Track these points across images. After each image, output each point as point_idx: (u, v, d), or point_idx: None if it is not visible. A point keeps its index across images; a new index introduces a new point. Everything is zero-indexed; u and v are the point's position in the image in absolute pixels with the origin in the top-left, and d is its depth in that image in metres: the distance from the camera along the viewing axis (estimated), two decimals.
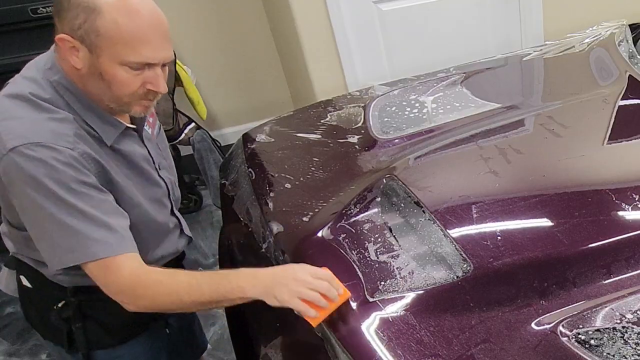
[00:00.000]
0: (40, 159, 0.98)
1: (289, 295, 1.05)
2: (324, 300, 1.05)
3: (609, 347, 0.95)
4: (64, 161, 1.00)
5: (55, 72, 1.07)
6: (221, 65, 3.32)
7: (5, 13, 2.56)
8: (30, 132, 1.00)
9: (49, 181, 0.99)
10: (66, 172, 1.00)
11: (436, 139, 1.55)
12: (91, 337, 1.23)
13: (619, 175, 1.32)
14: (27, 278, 1.22)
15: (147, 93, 1.08)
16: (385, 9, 2.76)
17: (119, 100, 1.07)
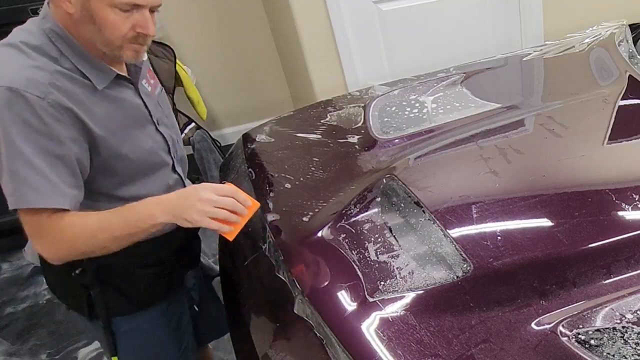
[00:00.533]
0: (7, 103, 1.02)
1: (199, 216, 1.09)
2: (234, 216, 1.11)
3: (609, 347, 0.95)
4: (29, 109, 1.03)
5: (48, 21, 1.11)
6: (221, 65, 3.32)
7: (5, 13, 2.57)
8: (5, 77, 1.04)
9: (8, 125, 1.03)
10: (27, 120, 1.03)
11: (436, 139, 1.55)
12: (110, 304, 1.26)
13: (619, 175, 1.31)
14: None
15: (137, 36, 1.11)
16: (385, 9, 2.76)
17: (110, 43, 1.10)
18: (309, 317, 1.13)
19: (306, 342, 1.13)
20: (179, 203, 1.12)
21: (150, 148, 1.24)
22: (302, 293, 1.15)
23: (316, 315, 1.09)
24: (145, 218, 1.11)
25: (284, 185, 1.49)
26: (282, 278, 1.28)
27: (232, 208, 1.11)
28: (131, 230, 1.11)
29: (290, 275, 1.22)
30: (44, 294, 2.64)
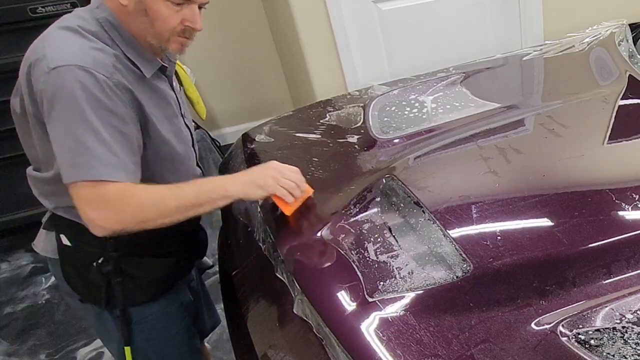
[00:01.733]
0: (79, 80, 1.07)
1: (272, 182, 1.23)
2: (298, 190, 1.25)
3: (609, 347, 0.95)
4: (99, 87, 1.09)
5: (102, 11, 1.18)
6: (221, 65, 3.32)
7: (4, 13, 2.56)
8: (74, 56, 1.09)
9: (81, 101, 1.07)
10: (98, 97, 1.08)
11: (436, 139, 1.55)
12: (127, 293, 1.29)
13: (619, 175, 1.31)
14: (66, 236, 1.27)
15: (184, 30, 1.19)
16: (385, 8, 2.77)
17: (160, 36, 1.18)
18: (309, 317, 1.13)
19: (306, 342, 1.13)
20: (253, 174, 1.25)
21: (183, 139, 1.32)
22: (301, 293, 1.15)
23: (316, 315, 1.09)
24: (218, 189, 1.19)
25: None
26: (281, 278, 1.27)
27: (298, 182, 1.25)
28: (202, 200, 1.17)
29: (289, 275, 1.22)
30: (43, 294, 2.64)
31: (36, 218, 3.08)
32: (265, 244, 1.40)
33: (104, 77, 1.10)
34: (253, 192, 1.22)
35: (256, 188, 1.22)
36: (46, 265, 2.93)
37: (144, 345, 1.37)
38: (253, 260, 1.45)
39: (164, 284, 1.35)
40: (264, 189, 1.22)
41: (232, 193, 1.20)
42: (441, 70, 2.06)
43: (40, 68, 1.09)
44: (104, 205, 1.11)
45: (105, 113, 1.09)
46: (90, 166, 1.08)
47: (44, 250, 1.35)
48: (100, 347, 2.29)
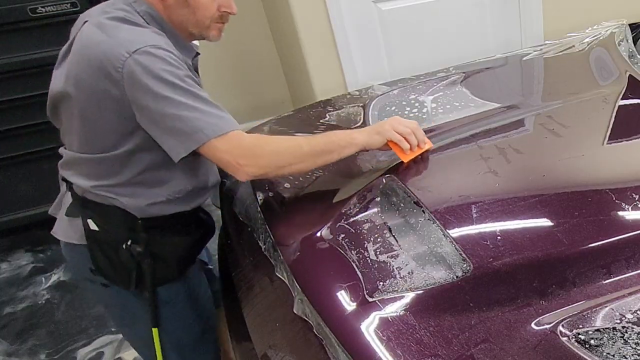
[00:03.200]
0: (159, 56, 1.14)
1: (389, 127, 1.35)
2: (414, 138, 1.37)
3: (609, 347, 0.95)
4: (177, 60, 1.18)
5: (140, 4, 1.24)
6: (221, 65, 3.32)
7: (4, 13, 2.56)
8: (146, 38, 1.16)
9: (169, 75, 1.14)
10: (180, 67, 1.17)
11: (436, 139, 1.54)
12: (156, 273, 1.34)
13: (619, 175, 1.31)
14: (94, 220, 1.30)
15: (222, 16, 1.29)
16: (385, 8, 2.77)
17: (201, 24, 1.27)
18: (309, 317, 1.13)
19: (306, 342, 1.13)
20: (375, 126, 1.38)
21: None
22: (301, 293, 1.15)
23: (316, 315, 1.09)
24: (345, 137, 1.31)
25: (283, 185, 1.49)
26: (281, 278, 1.27)
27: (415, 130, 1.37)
28: (331, 147, 1.29)
29: (289, 275, 1.22)
30: (43, 294, 2.64)
31: (36, 218, 3.12)
32: (265, 244, 1.40)
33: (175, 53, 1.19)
34: (373, 140, 1.34)
35: (375, 134, 1.34)
36: (46, 265, 2.94)
37: (172, 325, 1.43)
38: (253, 260, 1.45)
39: (187, 261, 1.42)
40: (381, 135, 1.34)
41: (357, 141, 1.32)
42: (441, 70, 2.06)
43: (117, 54, 1.13)
44: (244, 153, 1.21)
45: (190, 80, 1.18)
46: (212, 123, 1.17)
47: (67, 237, 1.37)
48: (100, 347, 2.29)
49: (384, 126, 1.36)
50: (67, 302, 2.57)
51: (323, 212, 1.32)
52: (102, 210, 1.29)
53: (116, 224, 1.29)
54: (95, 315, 2.46)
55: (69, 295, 2.61)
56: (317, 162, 1.30)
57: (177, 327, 1.43)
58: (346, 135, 1.32)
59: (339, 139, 1.30)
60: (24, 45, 2.64)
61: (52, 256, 2.90)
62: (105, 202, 1.28)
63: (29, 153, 2.82)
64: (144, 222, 1.29)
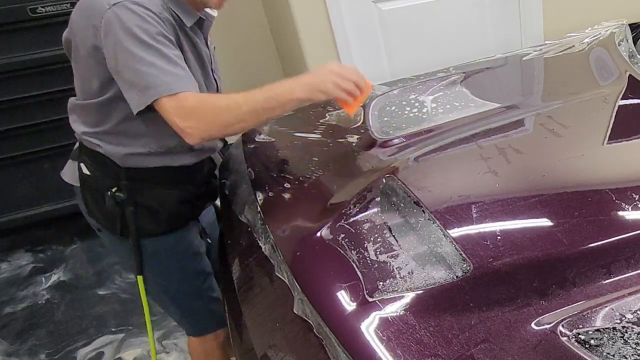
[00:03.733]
0: (135, 11, 1.19)
1: (332, 87, 1.31)
2: (357, 90, 1.34)
3: (609, 347, 0.95)
4: (154, 17, 1.22)
5: None
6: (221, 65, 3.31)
7: (4, 13, 2.56)
8: None
9: (139, 30, 1.19)
10: (155, 25, 1.21)
11: (436, 139, 1.54)
12: (140, 224, 1.41)
13: (619, 175, 1.31)
14: (86, 165, 1.41)
15: None
16: (385, 8, 2.77)
17: None
18: (309, 317, 1.13)
19: (306, 342, 1.13)
20: (315, 77, 1.33)
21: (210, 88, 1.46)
22: (301, 293, 1.15)
23: (316, 315, 1.09)
24: (285, 93, 1.29)
25: (283, 185, 1.49)
26: (281, 278, 1.27)
27: (357, 81, 1.34)
28: (270, 104, 1.28)
29: (289, 275, 1.22)
30: (43, 294, 2.64)
31: (36, 218, 3.12)
32: (265, 244, 1.40)
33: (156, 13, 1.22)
34: (316, 96, 1.32)
35: (318, 92, 1.31)
36: (46, 265, 2.94)
37: (157, 276, 1.50)
38: (253, 260, 1.45)
39: (176, 218, 1.47)
40: (325, 93, 1.32)
41: (297, 95, 1.30)
42: (441, 70, 2.06)
43: (101, 6, 1.20)
44: (188, 114, 1.22)
45: (162, 39, 1.22)
46: (166, 82, 1.20)
47: (71, 179, 1.48)
48: (100, 347, 2.29)
49: (327, 84, 1.31)
50: (67, 302, 2.57)
51: (323, 212, 1.32)
52: (92, 156, 1.38)
53: (103, 170, 1.38)
54: (95, 315, 2.46)
55: (69, 295, 2.61)
56: (260, 119, 1.31)
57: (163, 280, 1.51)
58: (286, 91, 1.30)
59: (277, 95, 1.29)
60: (24, 45, 2.65)
61: (52, 256, 2.90)
62: (94, 149, 1.37)
63: (29, 153, 2.82)
64: (127, 171, 1.37)
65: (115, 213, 1.39)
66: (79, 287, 2.66)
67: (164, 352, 2.22)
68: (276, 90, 1.29)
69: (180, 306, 1.59)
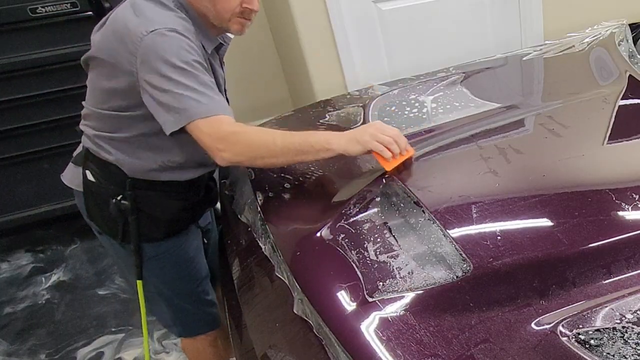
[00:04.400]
0: (172, 39, 1.23)
1: (369, 138, 1.32)
2: (396, 147, 1.33)
3: (609, 347, 0.95)
4: (190, 44, 1.25)
5: None
6: None
7: (4, 13, 2.56)
8: (166, 21, 1.25)
9: (176, 57, 1.22)
10: (190, 52, 1.25)
11: (436, 139, 1.54)
12: (142, 230, 1.44)
13: (619, 175, 1.31)
14: (91, 172, 1.42)
15: (243, 11, 1.35)
16: (385, 8, 2.76)
17: (220, 17, 1.33)
18: (309, 317, 1.13)
19: (306, 342, 1.13)
20: (355, 131, 1.34)
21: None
22: (301, 293, 1.15)
23: (316, 315, 1.09)
24: (322, 141, 1.30)
25: (284, 185, 1.49)
26: (281, 278, 1.27)
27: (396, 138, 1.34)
28: (305, 148, 1.30)
29: (289, 275, 1.22)
30: (43, 294, 2.64)
31: (36, 218, 3.12)
32: (265, 244, 1.40)
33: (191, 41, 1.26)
34: (352, 147, 1.31)
35: (355, 143, 1.31)
36: (46, 265, 2.94)
37: (153, 278, 1.51)
38: (253, 260, 1.45)
39: (177, 224, 1.49)
40: (361, 144, 1.31)
41: (333, 147, 1.30)
42: (441, 70, 2.06)
43: (138, 32, 1.22)
44: (222, 138, 1.26)
45: (198, 65, 1.25)
46: (203, 105, 1.24)
47: (71, 182, 1.49)
48: (100, 347, 2.29)
49: (364, 135, 1.32)
50: (67, 302, 2.57)
51: (323, 212, 1.32)
52: (99, 164, 1.40)
53: (109, 178, 1.40)
54: (95, 315, 2.46)
55: (69, 295, 2.61)
56: (290, 160, 1.33)
57: (162, 283, 1.53)
58: (323, 139, 1.31)
59: (314, 141, 1.30)
60: (24, 45, 2.64)
61: (52, 256, 2.90)
62: (102, 157, 1.39)
63: (29, 153, 2.82)
64: (133, 181, 1.39)
65: (118, 220, 1.42)
66: (79, 287, 2.66)
67: (164, 352, 2.22)
68: (315, 137, 1.32)
69: (174, 308, 1.59)
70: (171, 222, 1.48)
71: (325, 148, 1.30)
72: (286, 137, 1.30)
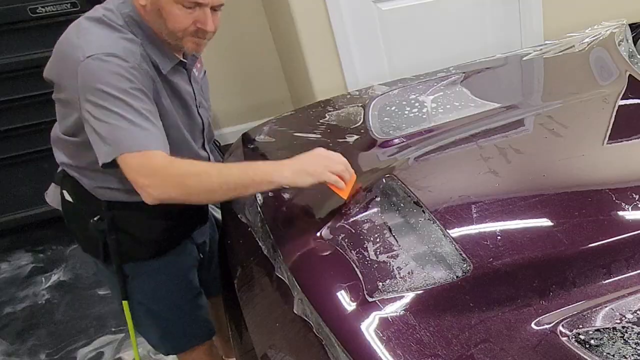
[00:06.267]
0: (110, 64, 1.16)
1: (323, 169, 1.24)
2: (348, 175, 1.27)
3: (609, 347, 0.95)
4: (129, 70, 1.18)
5: (126, 6, 1.26)
6: (221, 65, 3.32)
7: (4, 13, 2.56)
8: (106, 45, 1.19)
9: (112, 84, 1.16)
10: (129, 78, 1.18)
11: (436, 139, 1.54)
12: (124, 250, 1.38)
13: (619, 175, 1.31)
14: (68, 192, 1.39)
15: (197, 31, 1.25)
16: (385, 8, 2.76)
17: (173, 35, 1.25)
18: (309, 317, 1.13)
19: (306, 342, 1.13)
20: (301, 160, 1.25)
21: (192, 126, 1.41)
22: (301, 293, 1.15)
23: (316, 315, 1.09)
24: (264, 174, 1.22)
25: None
26: (281, 278, 1.27)
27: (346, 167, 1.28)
28: (246, 181, 1.21)
29: (289, 275, 1.22)
30: (43, 294, 2.64)
31: (36, 218, 3.11)
32: (265, 244, 1.40)
33: (134, 64, 1.19)
34: (301, 180, 1.23)
35: (305, 175, 1.23)
36: (46, 265, 2.94)
37: (143, 299, 1.46)
38: (253, 260, 1.45)
39: (162, 245, 1.43)
40: (313, 177, 1.23)
41: (275, 179, 1.22)
42: (441, 70, 2.06)
43: (75, 57, 1.17)
44: (152, 173, 1.17)
45: (136, 92, 1.18)
46: (134, 138, 1.16)
47: (52, 202, 1.47)
48: (100, 347, 2.29)
49: (317, 167, 1.24)
50: (67, 302, 2.57)
51: (323, 212, 1.32)
52: (73, 185, 1.36)
53: (84, 200, 1.36)
54: (95, 315, 2.46)
55: (69, 295, 2.61)
56: (230, 195, 1.24)
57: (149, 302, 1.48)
58: (264, 172, 1.22)
59: (255, 175, 1.21)
60: (24, 45, 2.64)
61: (52, 256, 2.89)
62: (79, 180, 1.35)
63: (29, 153, 2.82)
64: (107, 203, 1.34)
65: (98, 240, 1.36)
66: (79, 287, 2.65)
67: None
68: (255, 169, 1.23)
69: (162, 325, 1.54)
70: (154, 243, 1.41)
71: (267, 181, 1.21)
72: (223, 170, 1.22)
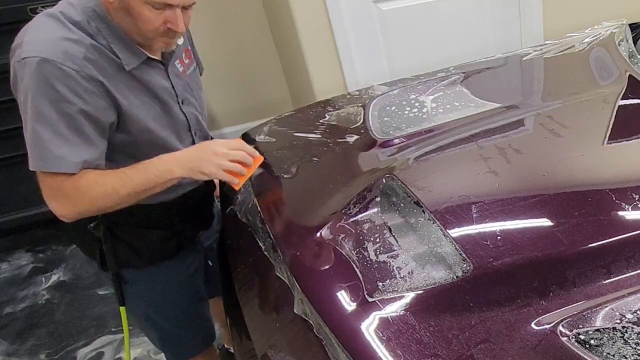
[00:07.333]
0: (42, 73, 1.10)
1: (215, 168, 1.23)
2: (244, 169, 1.27)
3: (609, 347, 0.95)
4: (63, 79, 1.11)
5: (91, 0, 1.20)
6: (221, 65, 3.32)
7: (4, 13, 2.56)
8: (44, 48, 1.12)
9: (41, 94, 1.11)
10: (59, 89, 1.11)
11: (436, 139, 1.54)
12: (120, 257, 1.37)
13: (619, 175, 1.31)
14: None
15: (167, 31, 1.21)
16: (385, 8, 2.76)
17: (143, 35, 1.21)
18: (309, 317, 1.13)
19: (306, 342, 1.13)
20: (196, 157, 1.24)
21: (172, 125, 1.34)
22: (301, 293, 1.15)
23: (316, 315, 1.09)
24: (164, 173, 1.22)
25: (283, 185, 1.49)
26: (281, 278, 1.27)
27: (242, 160, 1.26)
28: (150, 185, 1.21)
29: (289, 275, 1.22)
30: (43, 294, 2.64)
31: (36, 218, 3.11)
32: (265, 244, 1.40)
33: (71, 70, 1.12)
34: (197, 176, 1.25)
35: (198, 173, 1.24)
36: (46, 265, 2.94)
37: (142, 303, 1.45)
38: (253, 260, 1.45)
39: (161, 252, 1.41)
40: (206, 175, 1.25)
41: (177, 175, 1.23)
42: (441, 70, 2.06)
43: (16, 53, 1.14)
44: (62, 196, 1.17)
45: (66, 105, 1.12)
46: (46, 158, 1.14)
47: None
48: (100, 347, 2.29)
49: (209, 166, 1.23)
50: (67, 302, 2.57)
51: (323, 212, 1.32)
52: None
53: None
54: (95, 315, 2.46)
55: (69, 295, 2.61)
56: (140, 197, 1.24)
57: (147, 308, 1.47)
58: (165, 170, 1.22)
59: (156, 176, 1.22)
60: None
61: (52, 256, 2.90)
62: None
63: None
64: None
65: (95, 247, 1.36)
66: (79, 287, 2.66)
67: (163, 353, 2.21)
68: (154, 171, 1.22)
69: (162, 333, 1.54)
70: (153, 251, 1.39)
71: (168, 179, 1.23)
72: (126, 182, 1.20)
